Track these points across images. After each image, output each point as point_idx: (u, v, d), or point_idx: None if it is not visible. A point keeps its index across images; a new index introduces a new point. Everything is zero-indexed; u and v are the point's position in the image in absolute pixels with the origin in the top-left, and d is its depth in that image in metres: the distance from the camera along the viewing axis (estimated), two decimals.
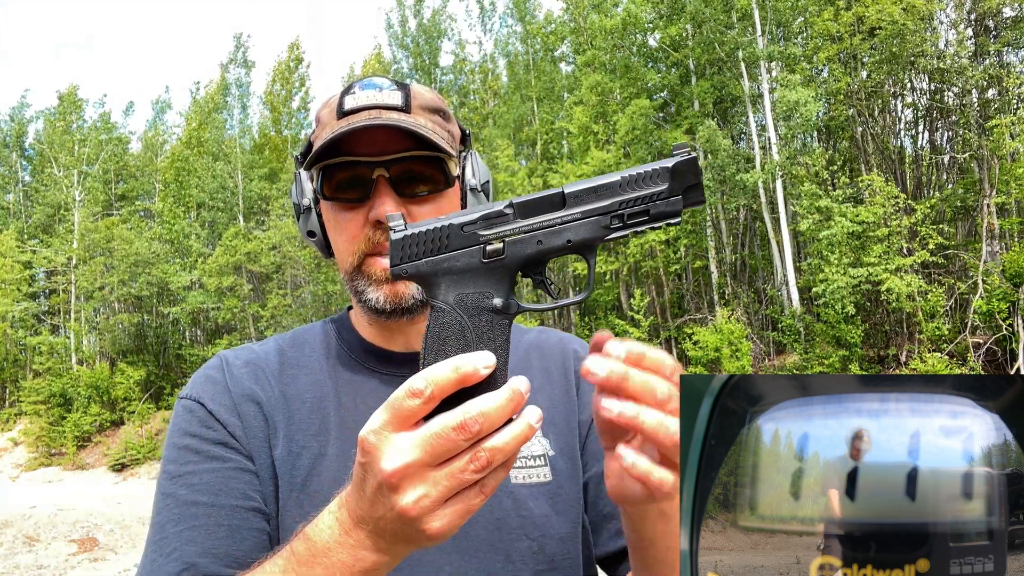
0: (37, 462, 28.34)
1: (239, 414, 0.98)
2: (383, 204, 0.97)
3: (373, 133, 0.97)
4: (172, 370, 31.51)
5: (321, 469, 0.96)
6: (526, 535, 0.98)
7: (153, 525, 0.93)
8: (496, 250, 0.67)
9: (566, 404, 1.09)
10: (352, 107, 0.99)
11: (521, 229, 0.67)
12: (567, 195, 0.68)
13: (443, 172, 1.01)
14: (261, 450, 0.97)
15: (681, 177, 0.68)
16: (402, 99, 1.00)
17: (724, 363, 15.92)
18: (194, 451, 0.95)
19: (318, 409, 1.01)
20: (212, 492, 0.92)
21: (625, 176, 0.68)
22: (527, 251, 0.67)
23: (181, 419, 0.99)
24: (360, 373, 1.06)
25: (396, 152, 0.98)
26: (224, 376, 1.02)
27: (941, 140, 18.80)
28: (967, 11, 16.18)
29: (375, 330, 1.08)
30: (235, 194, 32.53)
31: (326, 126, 1.02)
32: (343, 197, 1.00)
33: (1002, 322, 13.53)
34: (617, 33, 21.36)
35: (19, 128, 40.74)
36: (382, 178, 0.98)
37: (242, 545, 0.91)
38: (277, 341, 1.11)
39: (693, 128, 19.30)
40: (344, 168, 0.99)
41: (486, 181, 1.11)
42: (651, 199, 0.68)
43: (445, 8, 33.58)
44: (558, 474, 1.03)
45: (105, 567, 13.22)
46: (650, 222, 0.68)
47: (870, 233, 14.88)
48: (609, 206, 0.68)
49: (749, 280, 21.05)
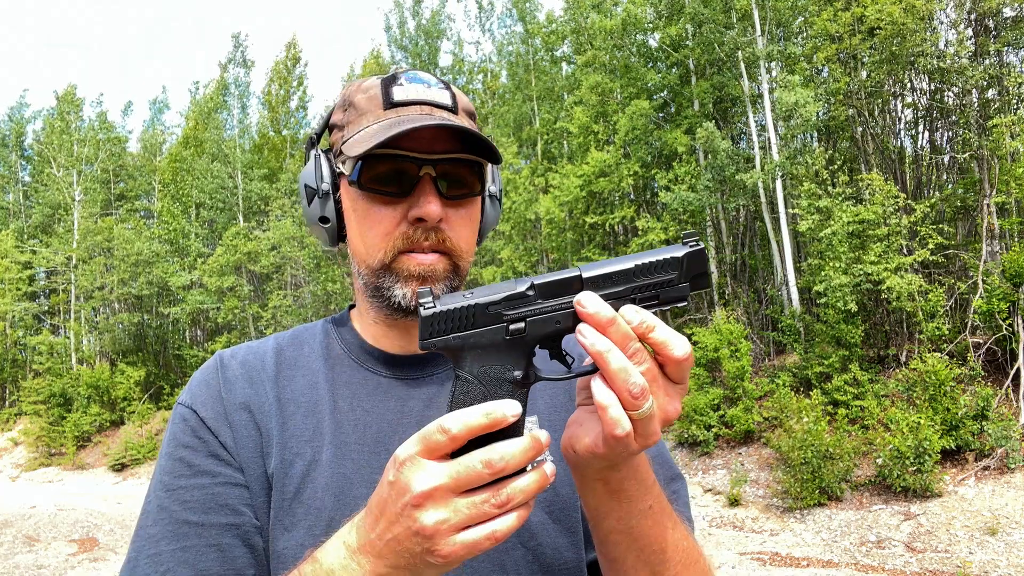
0: (37, 462, 28.33)
1: (231, 424, 0.97)
2: (429, 203, 0.94)
3: (423, 129, 0.95)
4: (172, 370, 31.51)
5: (315, 476, 0.95)
6: (521, 543, 0.96)
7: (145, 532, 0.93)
8: (518, 329, 0.72)
9: (567, 407, 1.07)
10: (403, 99, 0.97)
11: (542, 310, 0.73)
12: (585, 280, 0.73)
13: (480, 177, 1.01)
14: (253, 461, 0.96)
15: (690, 267, 0.74)
16: (451, 99, 0.99)
17: (724, 363, 15.92)
18: (186, 464, 0.95)
19: (313, 413, 0.99)
20: (203, 510, 0.92)
21: (639, 264, 0.74)
22: (547, 330, 0.73)
23: (177, 427, 0.99)
24: (358, 375, 1.04)
25: (443, 152, 0.96)
26: (218, 380, 1.01)
27: (941, 140, 18.79)
28: (967, 11, 16.17)
29: (379, 330, 1.06)
30: (234, 194, 32.51)
31: (366, 113, 0.99)
32: (383, 190, 0.97)
33: (1002, 322, 13.52)
34: (617, 33, 21.35)
35: (18, 128, 40.73)
36: (428, 176, 0.95)
37: (234, 564, 0.91)
38: (277, 340, 1.10)
39: (693, 128, 19.28)
40: (386, 160, 0.95)
41: (500, 189, 1.12)
42: (662, 286, 0.74)
43: (444, 8, 33.50)
44: (555, 480, 1.01)
45: (105, 567, 13.22)
46: (659, 305, 0.75)
47: (870, 232, 14.88)
48: (623, 291, 0.74)
49: (749, 280, 21.05)
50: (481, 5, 31.40)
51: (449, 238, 0.98)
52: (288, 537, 0.92)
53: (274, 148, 37.01)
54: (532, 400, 1.03)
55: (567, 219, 21.95)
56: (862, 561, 10.65)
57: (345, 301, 26.55)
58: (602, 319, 0.70)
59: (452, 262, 0.99)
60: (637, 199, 22.40)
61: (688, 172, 18.97)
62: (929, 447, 11.69)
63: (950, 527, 11.10)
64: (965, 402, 12.54)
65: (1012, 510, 11.05)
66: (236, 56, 35.93)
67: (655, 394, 0.72)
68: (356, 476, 0.95)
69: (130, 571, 0.91)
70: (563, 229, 22.47)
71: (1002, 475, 11.90)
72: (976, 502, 11.53)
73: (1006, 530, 10.63)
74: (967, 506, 11.51)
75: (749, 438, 15.41)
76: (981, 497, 11.60)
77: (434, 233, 0.96)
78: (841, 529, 11.89)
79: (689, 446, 15.83)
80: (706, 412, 15.79)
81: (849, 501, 12.68)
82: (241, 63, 36.05)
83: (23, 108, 42.11)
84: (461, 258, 1.00)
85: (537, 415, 1.02)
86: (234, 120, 35.88)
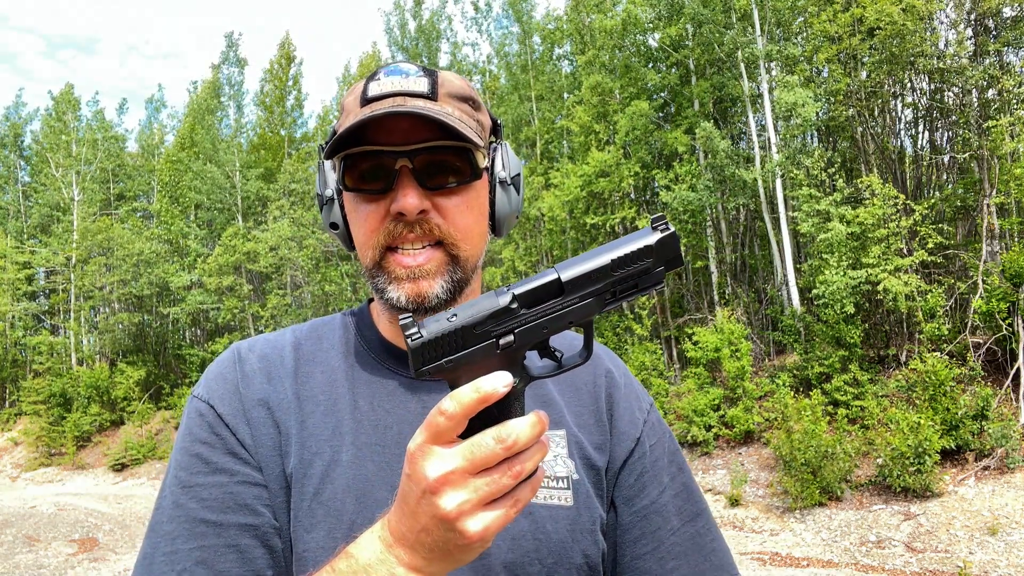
0: (37, 462, 28.34)
1: (249, 421, 0.95)
2: (406, 196, 0.92)
3: (397, 121, 0.93)
4: (172, 370, 31.50)
5: (335, 476, 0.93)
6: (539, 560, 0.94)
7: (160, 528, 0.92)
8: (508, 342, 0.73)
9: (596, 427, 1.05)
10: (376, 94, 0.94)
11: (528, 319, 0.74)
12: (565, 283, 0.74)
13: (470, 163, 0.96)
14: (271, 459, 0.94)
15: (663, 251, 0.75)
16: (428, 86, 0.95)
17: (724, 363, 15.92)
18: (204, 460, 0.93)
19: (332, 412, 0.97)
20: (220, 509, 0.91)
21: (615, 258, 0.74)
22: (535, 338, 0.74)
23: (193, 422, 0.97)
24: (378, 374, 1.02)
25: (420, 141, 0.93)
26: (236, 375, 0.99)
27: (941, 140, 18.80)
28: (967, 11, 16.18)
29: (397, 328, 1.03)
30: (232, 194, 32.49)
31: (349, 113, 0.97)
32: (365, 188, 0.95)
33: (1002, 322, 13.53)
34: (617, 33, 21.36)
35: (15, 128, 40.69)
36: (405, 168, 0.93)
37: (253, 565, 0.90)
38: (294, 333, 1.08)
39: (693, 128, 19.29)
40: (366, 157, 0.94)
41: (517, 174, 1.06)
42: (639, 275, 0.75)
43: (443, 9, 33.42)
44: (580, 500, 0.99)
45: (105, 567, 13.22)
46: (638, 293, 0.76)
47: (869, 234, 14.89)
48: (603, 287, 0.74)
49: (749, 280, 21.05)
50: (477, 6, 31.39)
51: (438, 227, 0.95)
52: (308, 539, 0.91)
53: (271, 148, 36.99)
54: (559, 417, 1.03)
55: (568, 219, 21.96)
56: (862, 561, 10.66)
57: (344, 302, 26.56)
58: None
59: (448, 253, 0.97)
60: (637, 199, 22.41)
61: (689, 172, 18.98)
62: (929, 447, 11.70)
63: (950, 527, 11.11)
64: (965, 402, 12.54)
65: (1012, 510, 11.06)
66: (230, 56, 35.82)
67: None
68: (377, 478, 0.94)
69: (146, 568, 0.90)
70: (564, 229, 22.48)
71: (1002, 475, 11.91)
72: (976, 502, 11.53)
73: (1006, 530, 10.64)
74: (967, 506, 11.52)
75: (749, 438, 15.42)
76: (981, 497, 11.61)
77: (419, 225, 0.94)
78: (841, 529, 11.90)
79: (689, 446, 15.84)
80: (706, 412, 15.79)
81: (849, 501, 12.68)
82: (235, 62, 35.93)
83: (20, 108, 42.09)
84: (457, 246, 0.97)
85: (565, 430, 1.02)
86: (230, 120, 35.83)
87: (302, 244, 27.39)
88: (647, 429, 1.08)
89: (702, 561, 1.03)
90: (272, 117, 37.70)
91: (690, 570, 1.02)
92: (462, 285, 0.98)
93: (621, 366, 1.15)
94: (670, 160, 20.95)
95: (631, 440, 1.05)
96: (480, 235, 1.01)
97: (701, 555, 1.03)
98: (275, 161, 35.21)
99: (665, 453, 1.08)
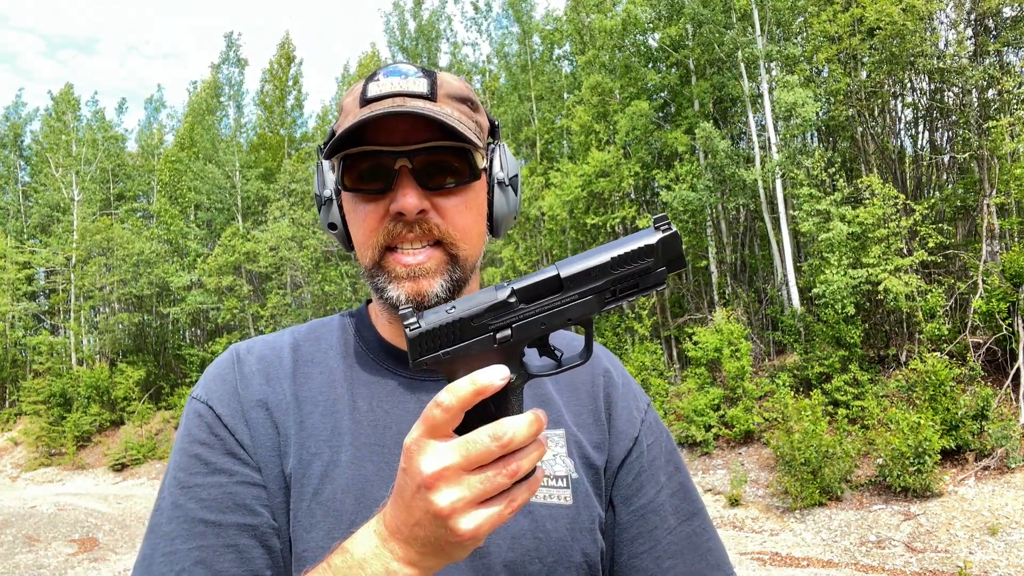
0: (37, 462, 28.34)
1: (247, 422, 0.96)
2: (406, 196, 0.92)
3: (396, 122, 0.93)
4: (172, 370, 31.50)
5: (334, 476, 0.93)
6: (539, 558, 0.95)
7: (159, 529, 0.92)
8: (506, 336, 0.73)
9: (594, 426, 1.05)
10: (375, 94, 0.94)
11: (526, 314, 0.73)
12: (564, 280, 0.74)
13: (469, 163, 0.97)
14: (270, 460, 0.95)
15: (665, 251, 0.74)
16: (428, 86, 0.95)
17: (724, 363, 15.92)
18: (202, 461, 0.93)
19: (331, 412, 0.98)
20: (219, 509, 0.91)
21: (615, 256, 0.74)
22: (533, 333, 0.74)
23: (191, 423, 0.97)
24: (377, 374, 1.02)
25: (419, 142, 0.93)
26: (235, 376, 1.00)
27: (941, 140, 18.80)
28: (967, 11, 16.18)
29: (395, 328, 1.04)
30: (232, 194, 32.49)
31: (348, 114, 0.97)
32: (364, 188, 0.96)
33: (1002, 322, 13.52)
34: (617, 33, 21.35)
35: (15, 128, 40.69)
36: (405, 168, 0.93)
37: (251, 565, 0.90)
38: (293, 334, 1.08)
39: (693, 128, 19.29)
40: (365, 158, 0.95)
41: (514, 175, 1.06)
42: (640, 274, 0.74)
43: (443, 9, 33.41)
44: (579, 499, 0.99)
45: (105, 567, 13.22)
46: (639, 293, 0.75)
47: (869, 234, 14.89)
48: (603, 285, 0.74)
49: (749, 280, 21.05)
50: (477, 7, 31.40)
51: (437, 227, 0.96)
52: (308, 539, 0.91)
53: (271, 148, 36.98)
54: (558, 416, 1.04)
55: (568, 219, 21.95)
56: (862, 561, 10.66)
57: (344, 302, 26.57)
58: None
59: (448, 252, 0.97)
60: (637, 199, 22.41)
61: (689, 171, 18.98)
62: (929, 447, 11.69)
63: (950, 527, 11.10)
64: (965, 402, 12.54)
65: (1012, 510, 11.06)
66: (230, 56, 35.81)
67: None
68: (377, 478, 0.94)
69: (145, 568, 0.90)
70: (564, 229, 22.48)
71: (1002, 475, 11.91)
72: (976, 502, 11.53)
73: (1006, 530, 10.63)
74: (967, 506, 11.51)
75: (749, 438, 15.41)
76: (981, 497, 11.61)
77: (418, 225, 0.95)
78: (841, 529, 11.90)
79: (689, 446, 15.84)
80: (706, 412, 15.79)
81: (849, 501, 12.68)
82: (235, 63, 35.93)
83: (20, 108, 42.08)
84: (456, 246, 0.97)
85: (564, 429, 1.02)
86: (230, 120, 35.82)
87: (302, 244, 27.40)
88: (645, 429, 1.08)
89: (698, 560, 1.03)
90: (272, 117, 37.68)
91: (686, 569, 1.02)
92: (461, 285, 0.99)
93: (619, 366, 1.15)
94: (670, 160, 20.95)
95: (629, 439, 1.06)
96: (479, 235, 1.02)
97: (697, 554, 1.04)
98: (275, 161, 35.20)
99: (662, 453, 1.09)
